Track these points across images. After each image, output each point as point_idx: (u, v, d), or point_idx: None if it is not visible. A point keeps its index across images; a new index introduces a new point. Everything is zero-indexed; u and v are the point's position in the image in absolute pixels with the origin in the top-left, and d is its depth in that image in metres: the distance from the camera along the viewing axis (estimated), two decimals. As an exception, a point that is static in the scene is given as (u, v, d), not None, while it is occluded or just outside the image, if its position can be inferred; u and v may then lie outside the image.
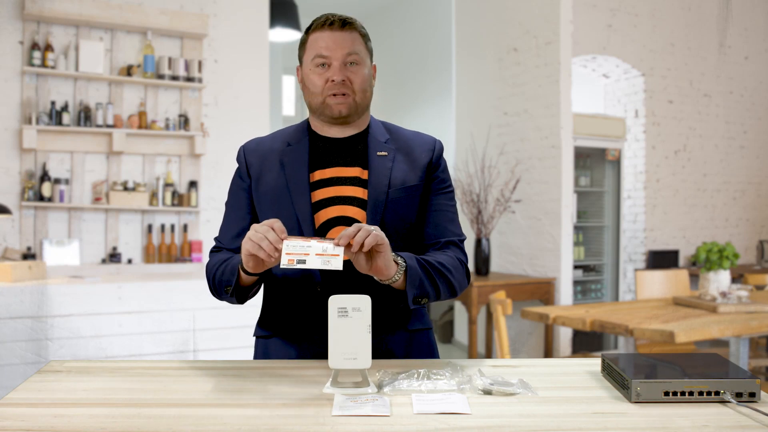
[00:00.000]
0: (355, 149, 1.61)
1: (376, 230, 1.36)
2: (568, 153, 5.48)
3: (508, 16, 6.00)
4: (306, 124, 1.66)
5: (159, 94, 5.01)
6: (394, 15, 8.63)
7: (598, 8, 6.21)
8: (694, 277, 6.13)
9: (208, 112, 5.15)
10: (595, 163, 6.14)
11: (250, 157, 1.65)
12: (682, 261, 6.73)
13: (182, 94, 5.06)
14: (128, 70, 4.85)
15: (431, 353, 1.66)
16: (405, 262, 1.45)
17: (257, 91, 5.35)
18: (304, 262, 1.33)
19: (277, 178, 1.60)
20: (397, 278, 1.44)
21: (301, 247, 1.34)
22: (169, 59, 4.95)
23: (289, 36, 6.47)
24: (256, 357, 1.68)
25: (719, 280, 3.82)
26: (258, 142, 1.68)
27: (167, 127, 4.94)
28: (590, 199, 6.19)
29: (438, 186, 1.64)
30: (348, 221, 1.55)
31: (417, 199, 1.60)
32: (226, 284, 1.52)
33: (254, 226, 1.38)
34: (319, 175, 1.59)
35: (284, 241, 1.35)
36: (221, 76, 5.21)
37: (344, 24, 1.54)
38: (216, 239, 1.70)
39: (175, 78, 4.97)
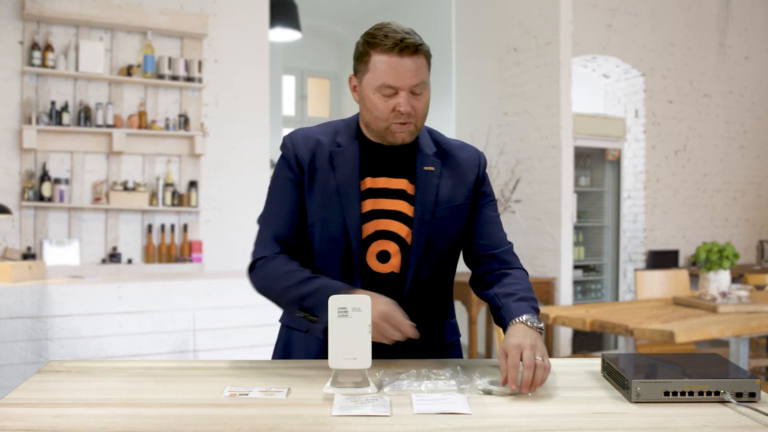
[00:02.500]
0: (403, 160, 1.56)
1: (545, 361, 1.31)
2: (568, 153, 5.48)
3: (508, 16, 6.00)
4: (355, 125, 1.59)
5: (159, 94, 5.01)
6: (394, 15, 8.62)
7: (598, 8, 6.21)
8: (694, 277, 6.13)
9: (208, 112, 5.15)
10: (595, 163, 6.14)
11: (300, 149, 1.56)
12: (682, 261, 6.73)
13: (182, 94, 5.06)
14: (128, 70, 4.85)
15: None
16: (537, 325, 1.42)
17: (257, 91, 5.35)
18: None
19: (328, 180, 1.53)
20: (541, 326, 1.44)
21: None
22: (169, 59, 4.95)
23: (289, 36, 6.47)
24: (278, 343, 1.68)
25: (719, 280, 3.82)
26: (306, 135, 1.58)
27: (167, 127, 4.94)
28: (590, 199, 6.19)
29: (484, 199, 1.63)
30: (390, 236, 1.53)
31: (463, 218, 1.59)
32: (310, 316, 1.45)
33: (389, 317, 1.36)
34: (369, 183, 1.54)
35: None
36: (221, 76, 5.21)
37: (416, 49, 1.45)
38: (263, 225, 1.57)
39: (175, 78, 4.97)
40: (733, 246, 3.95)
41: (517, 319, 1.42)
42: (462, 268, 1.75)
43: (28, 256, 4.52)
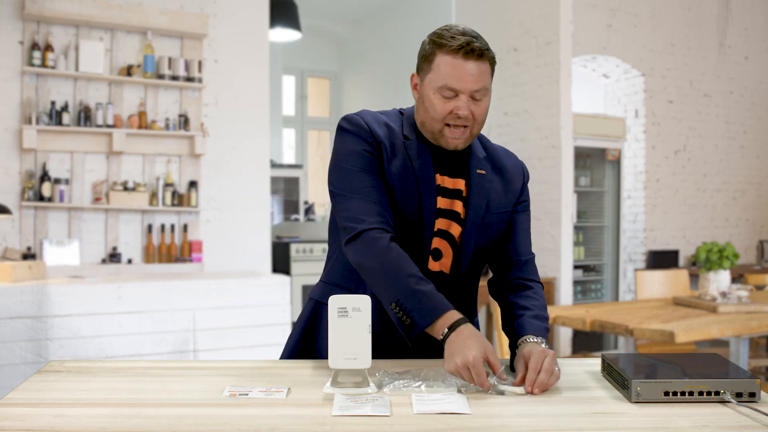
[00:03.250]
0: (457, 159, 1.55)
1: (558, 371, 1.34)
2: (568, 153, 5.48)
3: (508, 16, 6.00)
4: (413, 121, 1.56)
5: (159, 94, 5.01)
6: (394, 15, 8.63)
7: (598, 8, 6.21)
8: (694, 277, 6.13)
9: (208, 112, 5.15)
10: (595, 163, 6.14)
11: (374, 126, 1.51)
12: (682, 261, 6.73)
13: (182, 94, 5.06)
14: (128, 70, 4.85)
15: None
16: (545, 343, 1.44)
17: (257, 91, 5.35)
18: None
19: (406, 165, 1.50)
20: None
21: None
22: (169, 59, 4.95)
23: (289, 36, 6.47)
24: (301, 318, 1.64)
25: (719, 280, 3.82)
26: (375, 117, 1.54)
27: (167, 127, 4.94)
28: (590, 199, 6.19)
29: (523, 206, 1.66)
30: (445, 235, 1.53)
31: (506, 224, 1.61)
32: (403, 311, 1.38)
33: (471, 364, 1.29)
34: (438, 180, 1.53)
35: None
36: (221, 76, 5.21)
37: (482, 54, 1.44)
38: (375, 205, 1.46)
39: (175, 78, 4.97)
40: (733, 246, 3.95)
41: (531, 338, 1.45)
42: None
43: (28, 256, 4.52)
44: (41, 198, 4.60)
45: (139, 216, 4.95)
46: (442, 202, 1.53)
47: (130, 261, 4.87)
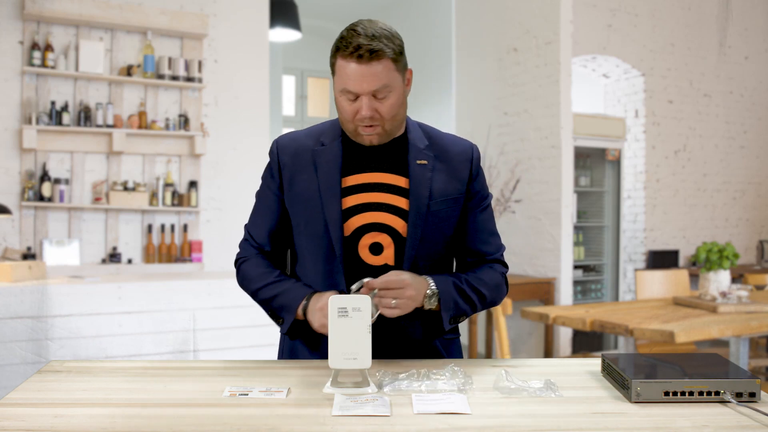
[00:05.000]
0: (393, 155, 1.58)
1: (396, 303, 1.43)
2: (568, 153, 5.48)
3: (508, 16, 6.00)
4: (339, 122, 1.61)
5: (159, 94, 5.01)
6: (394, 15, 8.63)
7: (598, 8, 6.21)
8: (694, 277, 6.13)
9: (208, 112, 5.15)
10: (595, 163, 6.14)
11: (283, 155, 1.62)
12: (682, 261, 6.73)
13: (182, 94, 5.06)
14: (128, 70, 4.85)
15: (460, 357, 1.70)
16: (437, 287, 1.50)
17: (257, 91, 5.35)
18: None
19: (310, 180, 1.57)
20: (432, 304, 1.50)
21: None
22: (169, 59, 4.95)
23: (289, 36, 6.47)
24: (281, 351, 1.69)
25: (719, 280, 3.82)
26: (292, 138, 1.64)
27: (167, 127, 4.94)
28: (590, 199, 6.19)
29: (479, 201, 1.63)
30: (382, 228, 1.55)
31: (457, 212, 1.60)
32: (277, 317, 1.58)
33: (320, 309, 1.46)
34: (353, 180, 1.56)
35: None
36: (221, 76, 5.21)
37: (372, 56, 1.43)
38: (247, 229, 1.69)
39: (175, 78, 4.97)
40: (733, 246, 3.95)
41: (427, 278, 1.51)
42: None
43: (28, 256, 4.52)
44: (41, 198, 4.60)
45: (139, 216, 4.95)
46: (370, 197, 1.55)
47: (130, 261, 4.87)
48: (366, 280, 1.44)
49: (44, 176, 4.62)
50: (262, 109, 5.37)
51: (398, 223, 1.55)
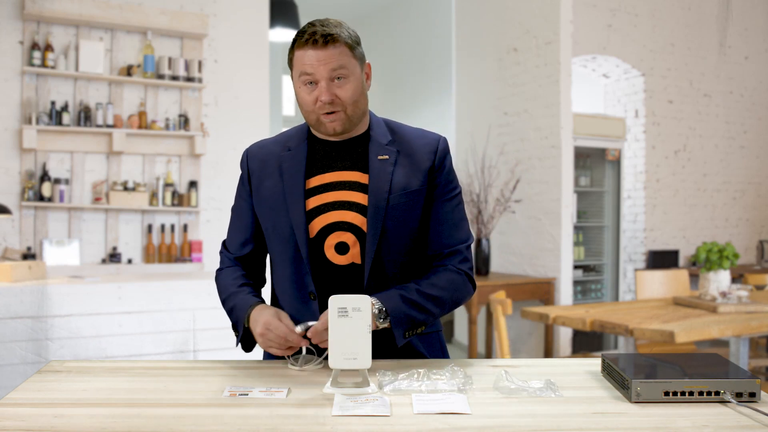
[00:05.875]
0: (356, 152, 1.58)
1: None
2: (568, 153, 5.48)
3: (508, 16, 6.00)
4: (306, 126, 1.64)
5: (159, 94, 5.01)
6: (394, 15, 8.63)
7: (598, 8, 6.21)
8: (694, 277, 6.13)
9: (208, 112, 5.15)
10: (595, 163, 6.14)
11: (251, 162, 1.66)
12: (682, 261, 6.73)
13: (182, 94, 5.06)
14: (128, 70, 4.85)
15: (443, 354, 1.67)
16: (383, 304, 1.46)
17: (257, 91, 5.35)
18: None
19: (276, 185, 1.60)
20: (386, 323, 1.47)
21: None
22: (169, 59, 4.95)
23: (289, 36, 6.47)
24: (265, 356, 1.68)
25: (719, 280, 3.82)
26: (261, 146, 1.68)
27: (167, 127, 4.94)
28: (590, 199, 6.19)
29: (442, 191, 1.59)
30: (347, 227, 1.54)
31: (420, 204, 1.57)
32: (233, 327, 1.60)
33: (269, 330, 1.45)
34: (317, 180, 1.57)
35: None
36: (221, 76, 5.21)
37: (326, 41, 1.47)
38: (224, 243, 1.72)
39: (175, 78, 4.97)
40: (733, 246, 3.95)
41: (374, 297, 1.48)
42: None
43: (28, 256, 4.52)
44: (41, 198, 4.60)
45: (139, 216, 4.95)
46: (332, 197, 1.56)
47: (130, 261, 4.87)
48: (310, 323, 1.45)
49: (44, 176, 4.62)
50: (262, 109, 5.37)
51: (361, 221, 1.54)
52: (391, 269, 1.56)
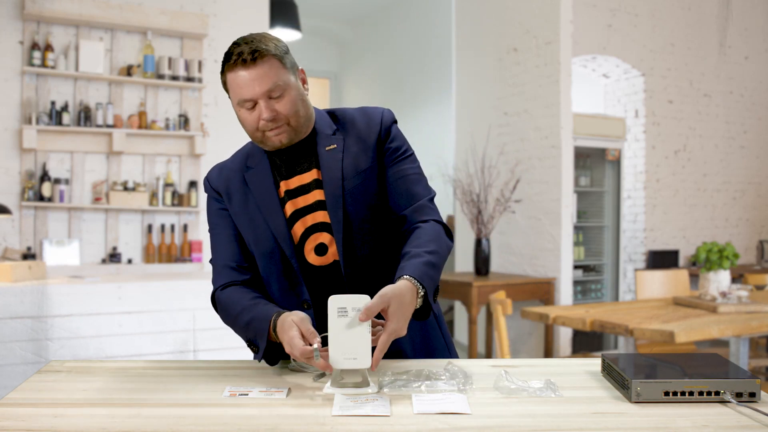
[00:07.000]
0: (309, 151, 1.59)
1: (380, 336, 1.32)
2: (568, 153, 5.48)
3: (508, 16, 6.00)
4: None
5: (159, 94, 5.01)
6: (394, 15, 8.63)
7: (598, 8, 6.21)
8: (694, 277, 6.13)
9: (208, 112, 5.15)
10: (595, 163, 6.14)
11: (216, 184, 1.64)
12: (682, 261, 6.73)
13: (182, 94, 5.06)
14: (128, 70, 4.85)
15: (446, 344, 1.65)
16: (420, 282, 1.39)
17: (257, 91, 5.35)
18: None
19: (247, 202, 1.59)
20: (420, 303, 1.40)
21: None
22: (169, 59, 4.95)
23: (289, 36, 6.47)
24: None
25: (719, 280, 3.82)
26: (219, 169, 1.67)
27: (167, 127, 4.94)
28: (590, 199, 6.19)
29: (392, 156, 1.60)
30: (321, 227, 1.55)
31: (374, 180, 1.57)
32: (251, 343, 1.49)
33: (293, 346, 1.33)
34: (284, 186, 1.58)
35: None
36: (221, 76, 5.21)
37: (254, 57, 1.45)
38: (212, 263, 1.65)
39: (175, 78, 4.97)
40: (733, 246, 3.95)
41: (405, 276, 1.39)
42: (461, 268, 1.74)
43: (28, 256, 4.52)
44: (41, 198, 4.60)
45: (139, 216, 4.95)
46: (299, 202, 1.56)
47: (130, 261, 4.87)
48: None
49: (44, 176, 4.62)
50: (262, 109, 5.37)
51: (326, 216, 1.55)
52: (367, 256, 1.55)
